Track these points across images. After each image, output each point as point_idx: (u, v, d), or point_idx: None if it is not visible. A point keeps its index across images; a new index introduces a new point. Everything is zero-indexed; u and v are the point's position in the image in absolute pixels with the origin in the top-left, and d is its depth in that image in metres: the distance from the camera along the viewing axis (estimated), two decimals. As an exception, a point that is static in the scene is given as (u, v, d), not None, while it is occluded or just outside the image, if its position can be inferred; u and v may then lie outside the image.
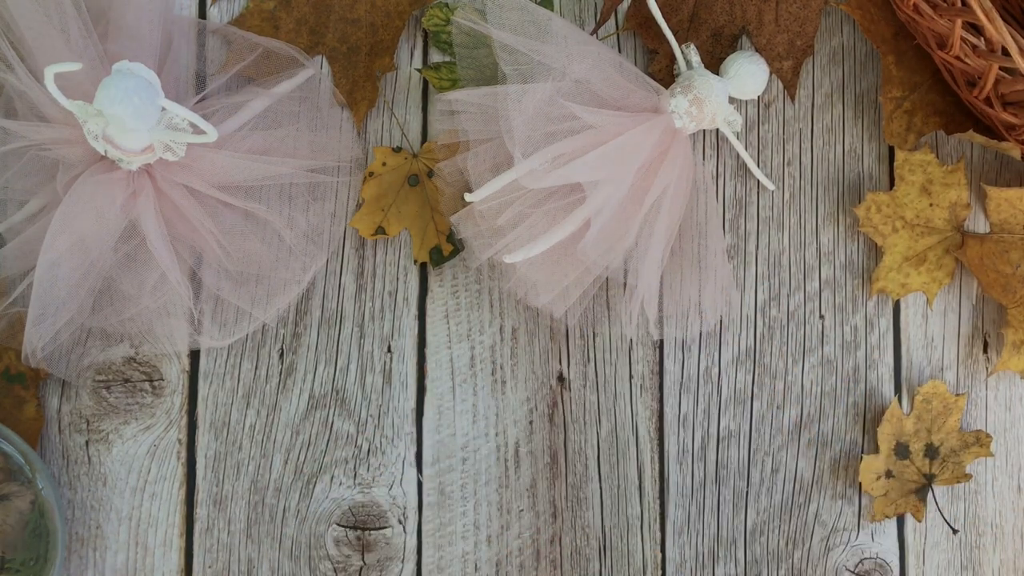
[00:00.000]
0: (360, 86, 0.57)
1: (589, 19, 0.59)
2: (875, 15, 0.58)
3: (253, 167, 0.53)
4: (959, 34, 0.51)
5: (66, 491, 0.55)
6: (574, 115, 0.52)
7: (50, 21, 0.51)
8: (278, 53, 0.56)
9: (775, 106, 0.59)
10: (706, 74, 0.55)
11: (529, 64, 0.53)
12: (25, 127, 0.52)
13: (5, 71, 0.52)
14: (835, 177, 0.59)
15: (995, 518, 0.58)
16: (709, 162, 0.59)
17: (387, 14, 0.58)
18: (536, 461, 0.56)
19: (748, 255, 0.58)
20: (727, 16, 0.58)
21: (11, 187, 0.54)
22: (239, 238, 0.54)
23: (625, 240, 0.53)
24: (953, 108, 0.59)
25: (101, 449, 0.55)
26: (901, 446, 0.57)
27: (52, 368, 0.54)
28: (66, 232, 0.51)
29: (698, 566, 0.56)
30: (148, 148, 0.51)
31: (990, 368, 0.58)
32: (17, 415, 0.54)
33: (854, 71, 0.60)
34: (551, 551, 0.56)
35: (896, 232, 0.57)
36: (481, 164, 0.54)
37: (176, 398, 0.56)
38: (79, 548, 0.55)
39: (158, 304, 0.54)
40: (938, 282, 0.58)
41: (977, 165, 0.59)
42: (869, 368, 0.58)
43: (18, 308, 0.53)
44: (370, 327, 0.57)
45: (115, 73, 0.49)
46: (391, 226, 0.57)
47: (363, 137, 0.58)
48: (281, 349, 0.57)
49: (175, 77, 0.55)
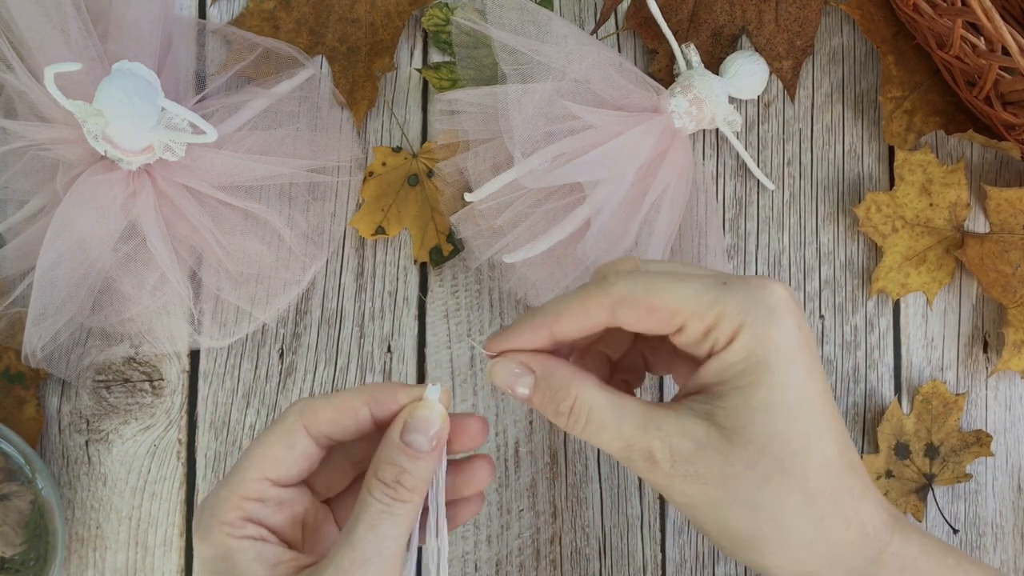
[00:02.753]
0: (360, 86, 0.57)
1: (589, 19, 0.59)
2: (875, 15, 0.58)
3: (253, 167, 0.53)
4: (959, 34, 0.51)
5: (66, 491, 0.55)
6: (574, 115, 0.52)
7: (50, 21, 0.51)
8: (278, 53, 0.56)
9: (775, 106, 0.59)
10: (706, 74, 0.55)
11: (529, 64, 0.53)
12: (25, 127, 0.52)
13: (5, 71, 0.52)
14: (835, 177, 0.59)
15: (995, 518, 0.58)
16: (709, 162, 0.58)
17: (387, 14, 0.58)
18: (536, 461, 0.56)
19: (748, 255, 0.58)
20: (727, 16, 0.58)
21: (11, 187, 0.54)
22: (239, 238, 0.54)
23: (625, 240, 0.53)
24: (953, 108, 0.59)
25: (101, 449, 0.55)
26: (901, 446, 0.57)
27: (52, 368, 0.54)
28: (66, 232, 0.51)
29: (698, 566, 0.56)
30: (148, 148, 0.51)
31: (990, 368, 0.58)
32: (17, 415, 0.54)
33: (854, 71, 0.60)
34: (551, 551, 0.56)
35: (896, 232, 0.57)
36: (481, 164, 0.54)
37: (176, 398, 0.56)
38: (79, 548, 0.55)
39: (158, 304, 0.54)
40: (938, 282, 0.58)
41: (977, 165, 0.59)
42: (869, 368, 0.58)
43: (18, 308, 0.53)
44: (370, 327, 0.57)
45: (115, 73, 0.49)
46: (391, 226, 0.57)
47: (363, 137, 0.58)
48: (281, 349, 0.57)
49: (175, 77, 0.55)
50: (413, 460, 0.38)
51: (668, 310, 0.38)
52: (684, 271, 0.39)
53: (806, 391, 0.37)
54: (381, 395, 0.39)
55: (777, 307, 0.37)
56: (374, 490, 0.37)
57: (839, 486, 0.38)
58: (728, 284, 0.38)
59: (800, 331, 0.38)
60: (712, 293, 0.38)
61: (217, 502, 0.38)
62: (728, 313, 0.37)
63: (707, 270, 0.40)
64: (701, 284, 0.38)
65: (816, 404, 0.38)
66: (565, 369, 0.40)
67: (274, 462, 0.38)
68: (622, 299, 0.38)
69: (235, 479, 0.38)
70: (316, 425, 0.39)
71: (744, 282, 0.38)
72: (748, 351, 0.37)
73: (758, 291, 0.38)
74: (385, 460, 0.38)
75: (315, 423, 0.39)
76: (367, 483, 0.38)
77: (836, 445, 0.38)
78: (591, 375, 0.40)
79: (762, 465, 0.37)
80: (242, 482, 0.38)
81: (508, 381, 0.40)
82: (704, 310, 0.37)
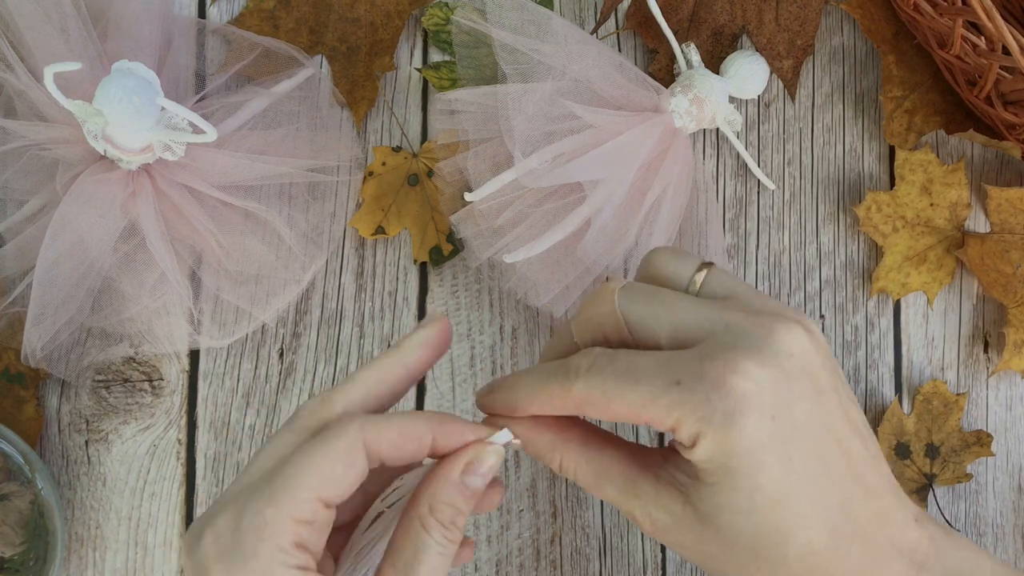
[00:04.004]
0: (360, 86, 0.57)
1: (589, 19, 0.59)
2: (875, 14, 0.58)
3: (253, 167, 0.53)
4: (960, 33, 0.51)
5: (65, 491, 0.55)
6: (574, 114, 0.52)
7: (50, 21, 0.51)
8: (278, 52, 0.56)
9: (775, 105, 0.59)
10: (706, 73, 0.55)
11: (529, 63, 0.53)
12: (24, 126, 0.52)
13: (5, 71, 0.51)
14: (835, 177, 0.59)
15: (996, 518, 0.58)
16: (709, 162, 0.58)
17: (387, 13, 0.58)
18: (536, 461, 0.56)
19: (748, 255, 0.58)
20: (727, 15, 0.58)
21: (10, 187, 0.53)
22: (239, 238, 0.54)
23: (625, 240, 0.53)
24: (954, 107, 0.58)
25: (101, 449, 0.55)
26: (902, 446, 0.56)
27: (51, 368, 0.54)
28: (65, 232, 0.51)
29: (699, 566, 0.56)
30: (147, 148, 0.51)
31: (991, 368, 0.58)
32: (17, 415, 0.54)
33: (854, 70, 0.60)
34: (551, 551, 0.56)
35: (896, 232, 0.57)
36: (481, 164, 0.54)
37: (176, 398, 0.56)
38: (79, 548, 0.55)
39: (158, 304, 0.54)
40: (939, 282, 0.58)
41: (978, 164, 0.59)
42: (869, 368, 0.58)
43: (17, 308, 0.53)
44: (370, 327, 0.57)
45: (114, 72, 0.49)
46: (391, 226, 0.57)
47: (363, 137, 0.58)
48: (281, 349, 0.57)
49: (174, 76, 0.55)
50: (468, 502, 0.36)
51: (627, 415, 0.35)
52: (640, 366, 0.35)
53: (782, 486, 0.35)
54: (448, 427, 0.36)
55: (736, 408, 0.34)
56: (433, 531, 0.35)
57: (830, 569, 0.36)
58: (682, 384, 0.34)
59: (775, 421, 0.34)
60: (665, 399, 0.34)
61: (263, 523, 0.33)
62: (684, 420, 0.34)
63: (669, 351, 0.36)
64: (654, 388, 0.34)
65: (800, 492, 0.35)
66: (545, 436, 0.38)
67: (333, 481, 0.34)
68: (582, 401, 0.36)
69: (284, 497, 0.33)
70: (377, 445, 0.35)
71: (700, 380, 0.34)
72: (709, 457, 0.35)
73: (715, 392, 0.34)
74: (444, 500, 0.36)
75: (376, 442, 0.35)
76: (424, 522, 0.36)
77: (829, 524, 0.35)
78: (574, 434, 0.39)
79: (736, 553, 0.36)
80: (295, 501, 0.33)
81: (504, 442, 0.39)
82: (662, 417, 0.35)
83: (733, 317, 0.36)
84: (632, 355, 0.36)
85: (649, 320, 0.37)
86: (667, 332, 0.36)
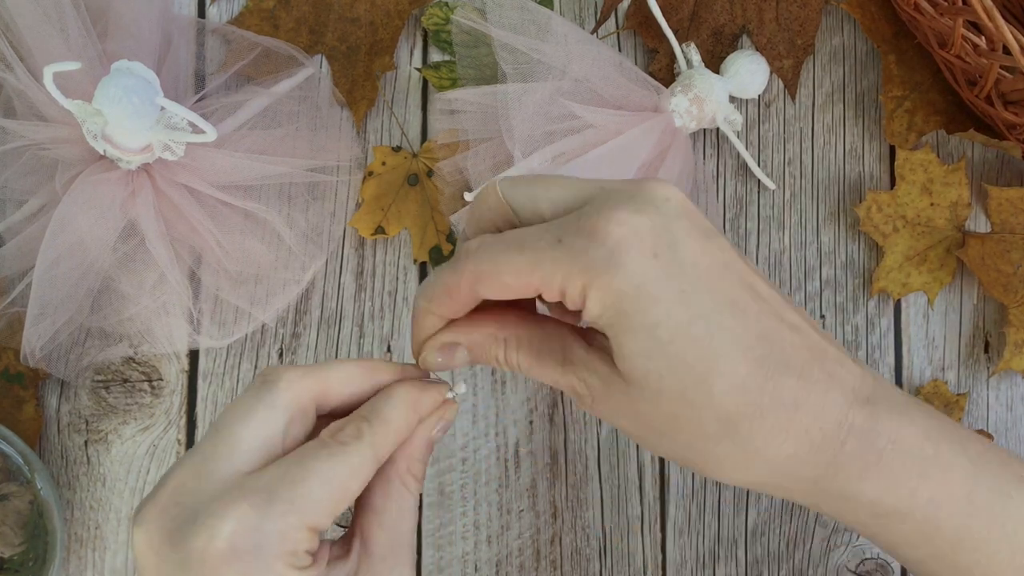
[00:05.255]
0: (360, 85, 0.57)
1: (589, 18, 0.59)
2: (876, 14, 0.58)
3: (252, 166, 0.53)
4: (960, 33, 0.51)
5: (65, 491, 0.55)
6: (574, 114, 0.52)
7: (49, 21, 0.51)
8: (277, 52, 0.56)
9: (775, 105, 0.59)
10: (706, 73, 0.55)
11: (529, 63, 0.53)
12: (24, 126, 0.52)
13: (4, 70, 0.51)
14: (836, 176, 0.59)
15: (997, 518, 0.57)
16: (709, 161, 0.58)
17: (387, 13, 0.58)
18: (536, 461, 0.56)
19: (749, 254, 0.58)
20: (727, 15, 0.58)
21: (10, 187, 0.53)
22: (238, 238, 0.54)
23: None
24: (954, 107, 0.58)
25: (100, 449, 0.55)
26: (902, 446, 0.56)
27: (51, 368, 0.54)
28: (65, 232, 0.51)
29: (699, 566, 0.56)
30: (147, 147, 0.51)
31: (991, 368, 0.58)
32: (16, 415, 0.54)
33: (855, 70, 0.60)
34: (551, 551, 0.56)
35: (897, 232, 0.57)
36: (481, 163, 0.54)
37: (175, 398, 0.56)
38: (78, 548, 0.55)
39: (157, 304, 0.54)
40: (939, 282, 0.57)
41: (978, 164, 0.59)
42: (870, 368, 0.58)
43: (17, 308, 0.53)
44: (370, 327, 0.57)
45: (114, 72, 0.49)
46: (391, 226, 0.57)
47: (363, 136, 0.58)
48: (281, 349, 0.57)
49: (174, 76, 0.55)
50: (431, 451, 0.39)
51: (518, 285, 0.35)
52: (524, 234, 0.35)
53: (683, 318, 0.34)
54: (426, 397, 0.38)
55: (614, 250, 0.33)
56: (412, 487, 0.37)
57: (763, 400, 0.34)
58: (563, 242, 0.34)
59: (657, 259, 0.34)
60: (549, 257, 0.34)
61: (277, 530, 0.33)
62: (570, 276, 0.34)
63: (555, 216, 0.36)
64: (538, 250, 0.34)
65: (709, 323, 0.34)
66: (485, 328, 0.38)
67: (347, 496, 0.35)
68: (475, 279, 0.36)
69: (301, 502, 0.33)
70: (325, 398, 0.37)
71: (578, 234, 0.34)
72: (602, 308, 0.34)
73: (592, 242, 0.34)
74: (419, 459, 0.38)
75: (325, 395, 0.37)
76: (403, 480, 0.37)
77: (751, 354, 0.34)
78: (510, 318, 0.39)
79: (664, 403, 0.35)
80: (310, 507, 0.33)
81: (444, 364, 0.39)
82: (548, 280, 0.34)
83: (609, 183, 0.36)
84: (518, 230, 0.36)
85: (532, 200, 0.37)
86: (549, 207, 0.36)
